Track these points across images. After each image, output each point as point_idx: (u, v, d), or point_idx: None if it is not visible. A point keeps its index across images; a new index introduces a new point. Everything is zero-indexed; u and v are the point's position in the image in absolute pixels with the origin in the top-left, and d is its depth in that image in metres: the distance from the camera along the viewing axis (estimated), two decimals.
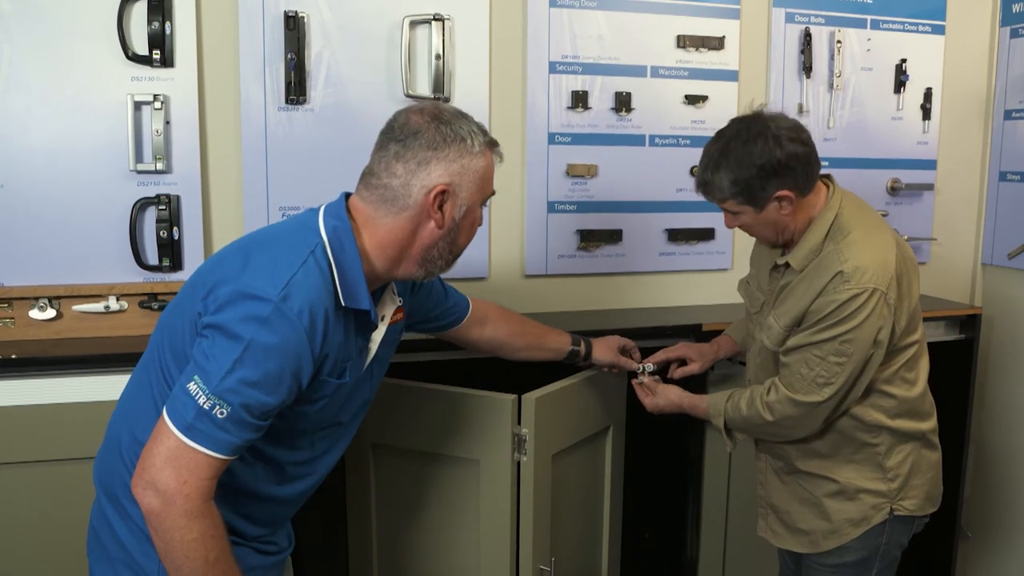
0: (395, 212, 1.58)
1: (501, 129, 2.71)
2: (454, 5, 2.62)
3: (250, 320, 1.42)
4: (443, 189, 1.57)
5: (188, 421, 1.40)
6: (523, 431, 2.13)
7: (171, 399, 1.44)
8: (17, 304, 2.35)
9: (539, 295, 2.82)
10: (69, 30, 2.35)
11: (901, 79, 3.08)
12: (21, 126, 2.35)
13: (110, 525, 1.59)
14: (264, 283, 1.44)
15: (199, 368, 1.42)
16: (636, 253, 2.89)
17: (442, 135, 1.58)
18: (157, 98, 2.41)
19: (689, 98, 2.88)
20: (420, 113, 1.61)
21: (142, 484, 1.41)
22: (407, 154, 1.57)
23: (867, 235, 1.98)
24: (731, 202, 1.99)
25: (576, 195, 2.81)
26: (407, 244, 1.60)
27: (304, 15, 2.50)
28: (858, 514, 2.10)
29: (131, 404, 1.62)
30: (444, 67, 2.60)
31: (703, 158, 2.01)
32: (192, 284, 1.57)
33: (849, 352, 1.93)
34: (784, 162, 1.91)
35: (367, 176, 1.62)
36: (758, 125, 1.94)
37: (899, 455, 2.10)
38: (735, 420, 2.15)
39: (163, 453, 1.40)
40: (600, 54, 2.78)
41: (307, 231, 1.55)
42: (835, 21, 3.00)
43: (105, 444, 1.66)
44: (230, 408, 1.40)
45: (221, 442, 1.41)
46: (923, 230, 3.19)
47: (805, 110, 3.00)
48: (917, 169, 3.16)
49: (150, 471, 1.40)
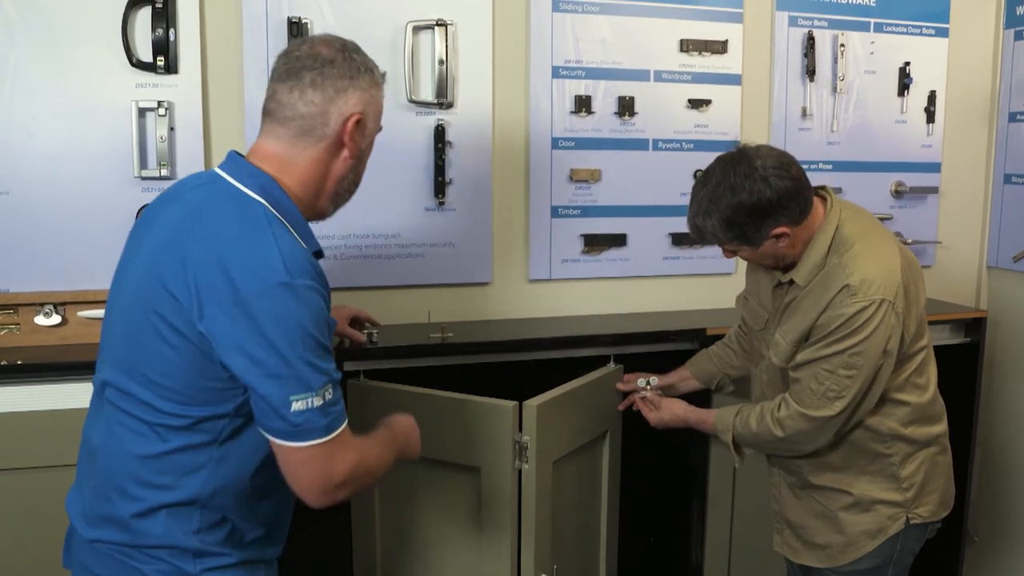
0: (313, 143, 1.59)
1: (504, 134, 2.72)
2: (457, 10, 2.62)
3: (283, 310, 1.42)
4: (359, 117, 1.60)
5: (324, 424, 1.46)
6: (525, 439, 2.12)
7: (283, 429, 1.44)
8: (22, 310, 2.35)
9: (543, 300, 2.82)
10: (74, 36, 2.36)
11: (905, 82, 3.08)
12: (25, 132, 2.35)
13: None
14: (264, 271, 1.42)
15: (282, 384, 1.42)
16: (640, 257, 2.89)
17: (355, 65, 1.61)
18: (161, 104, 2.41)
19: (692, 102, 2.88)
20: (327, 44, 1.62)
21: (329, 497, 1.50)
22: (324, 83, 1.58)
23: (871, 245, 1.97)
24: (727, 244, 1.99)
25: (580, 200, 2.81)
26: (323, 177, 1.62)
27: (307, 21, 2.50)
28: (874, 525, 2.08)
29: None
30: (447, 72, 2.60)
31: (692, 203, 1.98)
32: (144, 299, 1.51)
33: (859, 364, 1.92)
34: (776, 201, 1.88)
35: (276, 111, 1.60)
36: (744, 166, 1.90)
37: (913, 463, 2.08)
38: (744, 436, 2.14)
39: (321, 462, 1.47)
40: (603, 58, 2.78)
41: (239, 202, 1.51)
42: (838, 24, 3.00)
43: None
44: (330, 384, 1.47)
45: (343, 410, 1.51)
46: (928, 233, 3.19)
47: (809, 113, 3.00)
48: (921, 172, 3.15)
49: (327, 481, 1.48)
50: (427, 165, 2.64)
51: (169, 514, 1.52)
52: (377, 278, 2.64)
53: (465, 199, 2.69)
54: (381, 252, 2.63)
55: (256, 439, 1.53)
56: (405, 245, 2.65)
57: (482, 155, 2.69)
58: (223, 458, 1.53)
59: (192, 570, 1.53)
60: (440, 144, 2.62)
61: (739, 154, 1.94)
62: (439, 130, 2.62)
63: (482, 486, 2.18)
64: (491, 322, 2.74)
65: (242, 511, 1.59)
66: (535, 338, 2.52)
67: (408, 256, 2.66)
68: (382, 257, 2.64)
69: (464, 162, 2.67)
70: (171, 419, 1.50)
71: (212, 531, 1.55)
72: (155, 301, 1.47)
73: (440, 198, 2.65)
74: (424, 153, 2.63)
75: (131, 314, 1.53)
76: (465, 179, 2.68)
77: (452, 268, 2.71)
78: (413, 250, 2.66)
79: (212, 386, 1.48)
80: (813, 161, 3.02)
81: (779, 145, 2.92)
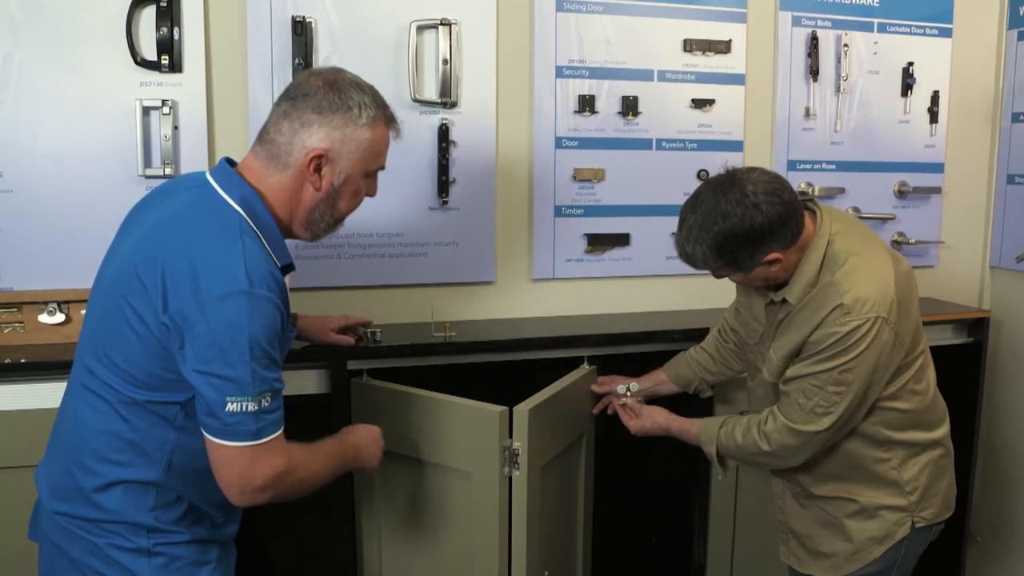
0: (279, 169, 1.64)
1: (508, 134, 2.72)
2: (461, 10, 2.62)
3: (237, 318, 1.48)
4: (320, 154, 1.63)
5: (254, 429, 1.51)
6: (516, 445, 2.08)
7: (215, 426, 1.51)
8: (26, 308, 2.36)
9: (546, 299, 2.82)
10: (78, 35, 2.36)
11: (908, 82, 3.08)
12: (30, 131, 2.36)
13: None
14: (226, 278, 1.48)
15: (222, 384, 1.48)
16: (644, 257, 2.89)
17: (329, 101, 1.63)
18: (166, 103, 2.41)
19: (696, 102, 2.88)
20: (318, 76, 1.67)
21: (248, 498, 1.56)
22: (294, 113, 1.63)
23: (864, 260, 1.93)
24: (717, 271, 1.96)
25: (583, 199, 2.81)
26: (294, 203, 1.66)
27: (312, 20, 2.51)
28: (881, 531, 2.07)
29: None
30: (451, 71, 2.61)
31: (681, 229, 1.92)
32: (118, 284, 1.58)
33: (848, 381, 1.91)
34: (767, 228, 1.85)
35: (263, 131, 1.68)
36: (735, 192, 1.85)
37: (914, 467, 2.06)
38: (729, 448, 2.11)
39: (245, 463, 1.52)
40: (607, 58, 2.78)
41: (219, 210, 1.58)
42: (842, 24, 3.00)
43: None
44: (270, 392, 1.53)
45: (279, 419, 1.56)
46: (931, 233, 3.19)
47: (812, 113, 3.00)
48: (924, 172, 3.15)
49: (245, 483, 1.53)
50: (431, 164, 2.64)
51: (125, 490, 1.60)
52: (380, 277, 2.65)
53: (469, 198, 2.69)
54: (384, 251, 2.64)
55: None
56: (408, 244, 2.65)
57: (486, 154, 2.69)
58: (179, 442, 1.60)
59: (145, 545, 1.60)
60: (444, 143, 2.62)
61: (729, 178, 1.89)
62: (443, 129, 2.62)
63: (473, 492, 2.15)
64: (494, 321, 2.74)
65: (197, 492, 1.65)
66: (538, 337, 2.52)
67: (412, 255, 2.66)
68: (385, 256, 2.64)
69: (468, 161, 2.67)
70: (129, 401, 1.57)
71: (167, 509, 1.62)
72: (126, 288, 1.55)
73: (444, 197, 2.65)
74: (428, 152, 2.63)
75: (105, 299, 1.61)
76: (469, 178, 2.68)
77: (455, 267, 2.71)
78: (416, 249, 2.66)
79: (166, 376, 1.55)
80: (816, 161, 3.02)
81: (783, 145, 2.96)
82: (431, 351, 2.40)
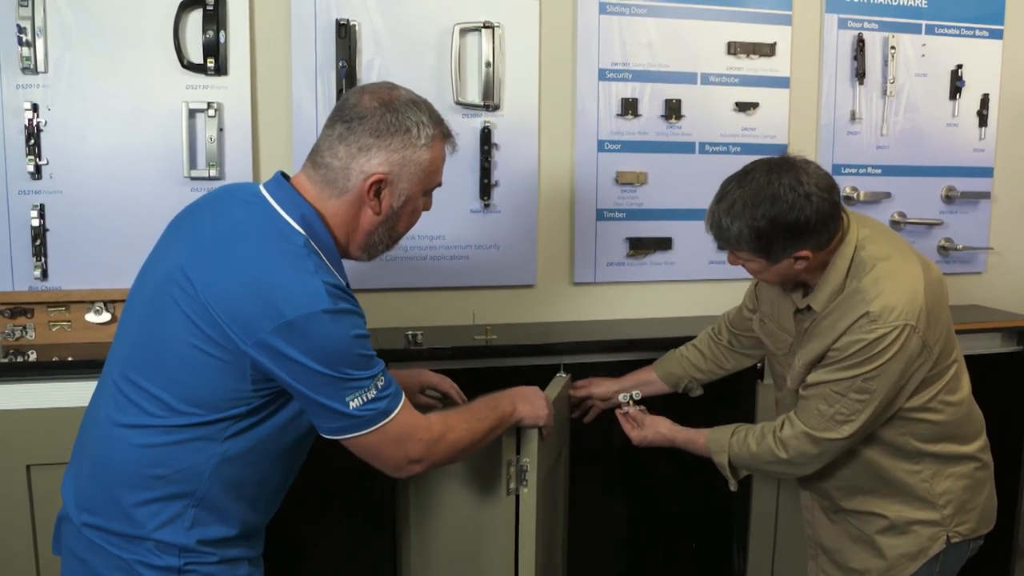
0: (336, 195, 1.59)
1: (550, 137, 2.71)
2: (504, 13, 2.62)
3: (329, 337, 1.47)
4: (380, 179, 1.58)
5: (383, 408, 1.54)
6: (524, 460, 1.95)
7: (348, 424, 1.53)
8: (74, 307, 2.39)
9: (587, 303, 2.81)
10: (127, 39, 2.40)
11: (957, 85, 3.03)
12: (79, 134, 2.40)
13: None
14: (308, 300, 1.46)
15: (337, 392, 1.49)
16: (686, 261, 2.87)
17: (387, 123, 1.57)
18: (211, 105, 2.44)
19: (740, 105, 2.86)
20: (372, 95, 1.60)
21: (408, 470, 1.61)
22: (351, 137, 1.57)
23: (892, 267, 1.85)
24: (744, 252, 1.86)
25: (625, 203, 2.80)
26: (352, 227, 1.62)
27: (355, 23, 2.52)
28: (914, 547, 1.99)
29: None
30: (494, 74, 2.61)
31: (722, 199, 1.84)
32: (176, 300, 1.52)
33: (872, 389, 1.83)
34: (813, 223, 1.77)
35: (314, 153, 1.62)
36: (790, 177, 1.77)
37: (947, 480, 1.98)
38: (741, 457, 2.02)
39: (391, 444, 1.57)
40: (650, 61, 2.77)
41: (282, 230, 1.53)
42: (889, 27, 2.96)
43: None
44: (380, 373, 1.54)
45: (399, 390, 1.59)
46: (979, 239, 3.13)
47: (858, 117, 2.96)
48: (973, 177, 3.10)
49: (401, 459, 1.59)
50: (473, 167, 2.64)
51: (164, 507, 1.54)
52: (422, 279, 2.65)
53: (510, 201, 2.69)
54: (426, 254, 2.64)
55: (253, 444, 1.57)
56: (450, 247, 2.66)
57: (528, 157, 2.69)
58: (225, 454, 1.55)
59: (175, 564, 1.55)
60: (486, 146, 2.63)
61: (786, 162, 1.82)
62: (485, 132, 2.62)
63: (483, 505, 2.07)
64: (535, 324, 2.73)
65: (232, 509, 1.61)
66: (579, 341, 2.52)
67: (453, 258, 2.67)
68: (427, 259, 2.65)
69: (510, 164, 2.67)
70: (180, 417, 1.52)
71: (200, 528, 1.57)
72: (188, 308, 1.49)
73: (486, 200, 2.65)
74: (470, 155, 2.63)
75: (155, 313, 1.55)
76: (511, 181, 2.68)
77: (497, 270, 2.71)
78: (458, 252, 2.67)
79: (234, 396, 1.52)
80: (862, 165, 2.99)
81: (827, 149, 2.93)
82: (472, 354, 2.40)
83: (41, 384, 2.20)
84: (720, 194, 1.86)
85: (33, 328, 2.38)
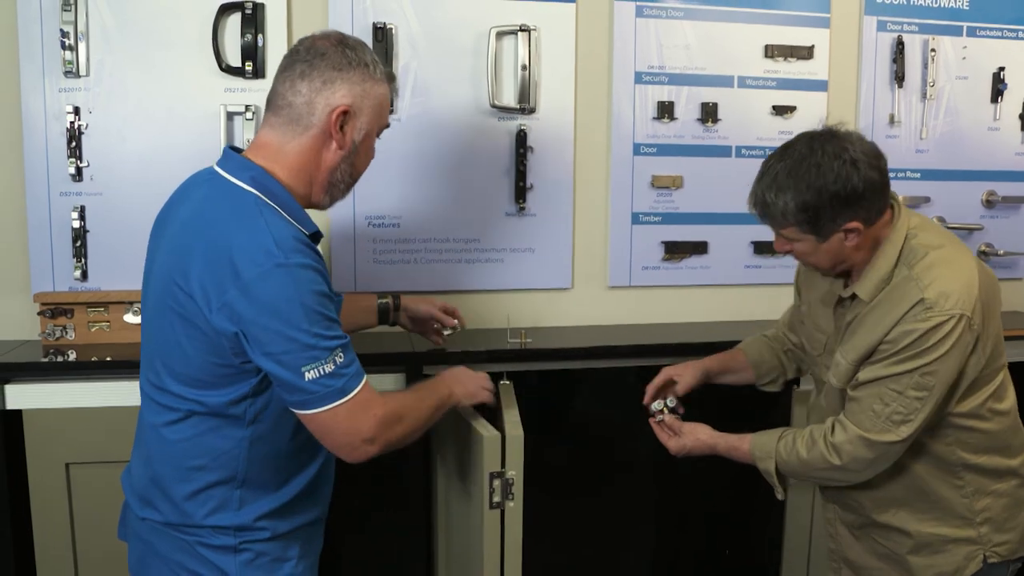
0: (300, 132, 1.63)
1: (586, 140, 2.71)
2: (540, 16, 2.62)
3: (282, 291, 1.48)
4: (345, 109, 1.62)
5: (339, 386, 1.53)
6: (510, 474, 1.91)
7: (302, 399, 1.53)
8: (113, 308, 2.42)
9: (622, 306, 2.80)
10: (166, 42, 2.43)
11: (999, 88, 2.99)
12: (119, 136, 2.43)
13: None
14: (259, 256, 1.48)
15: (292, 358, 1.49)
16: (722, 265, 2.85)
17: (347, 58, 1.63)
18: (249, 108, 2.46)
19: (777, 109, 2.83)
20: (326, 38, 1.67)
21: (360, 453, 1.59)
22: (312, 73, 1.62)
23: (946, 255, 1.77)
24: (792, 229, 1.78)
25: (661, 206, 2.78)
26: (314, 167, 1.65)
27: (392, 26, 2.53)
28: (949, 567, 1.88)
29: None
30: (530, 77, 2.60)
31: (764, 176, 1.78)
32: (163, 296, 1.59)
33: (930, 385, 1.72)
34: (861, 191, 1.70)
35: (271, 100, 1.66)
36: (834, 145, 1.72)
37: (989, 496, 1.88)
38: (790, 464, 1.89)
39: (344, 422, 1.56)
40: (687, 64, 2.76)
41: (233, 195, 1.57)
42: (929, 29, 2.92)
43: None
44: (340, 348, 1.54)
45: (359, 370, 1.58)
46: (1021, 244, 3.08)
47: (897, 120, 2.93)
48: (1015, 181, 3.05)
49: (353, 439, 1.57)
50: (508, 170, 2.64)
51: (209, 495, 1.63)
52: (457, 282, 2.65)
53: (546, 204, 2.68)
54: (461, 256, 2.64)
55: (276, 419, 1.63)
56: (485, 250, 2.66)
57: (563, 160, 2.69)
58: (254, 438, 1.63)
59: (232, 542, 1.64)
60: (521, 149, 2.62)
61: (828, 133, 1.76)
62: (520, 135, 2.62)
63: (470, 515, 2.04)
64: (570, 328, 2.73)
65: (275, 480, 1.68)
66: (613, 345, 2.50)
67: (488, 261, 2.67)
68: (462, 261, 2.65)
69: (545, 167, 2.67)
70: (198, 406, 1.60)
71: (249, 506, 1.65)
72: (171, 300, 1.56)
73: (521, 203, 2.65)
74: (505, 158, 2.63)
75: (158, 314, 1.62)
76: (546, 184, 2.67)
77: (532, 273, 2.70)
78: (493, 255, 2.67)
79: (225, 372, 1.57)
80: (901, 169, 2.95)
81: None
82: (507, 357, 2.40)
83: (80, 384, 2.23)
84: (762, 172, 1.80)
85: (73, 328, 2.41)
